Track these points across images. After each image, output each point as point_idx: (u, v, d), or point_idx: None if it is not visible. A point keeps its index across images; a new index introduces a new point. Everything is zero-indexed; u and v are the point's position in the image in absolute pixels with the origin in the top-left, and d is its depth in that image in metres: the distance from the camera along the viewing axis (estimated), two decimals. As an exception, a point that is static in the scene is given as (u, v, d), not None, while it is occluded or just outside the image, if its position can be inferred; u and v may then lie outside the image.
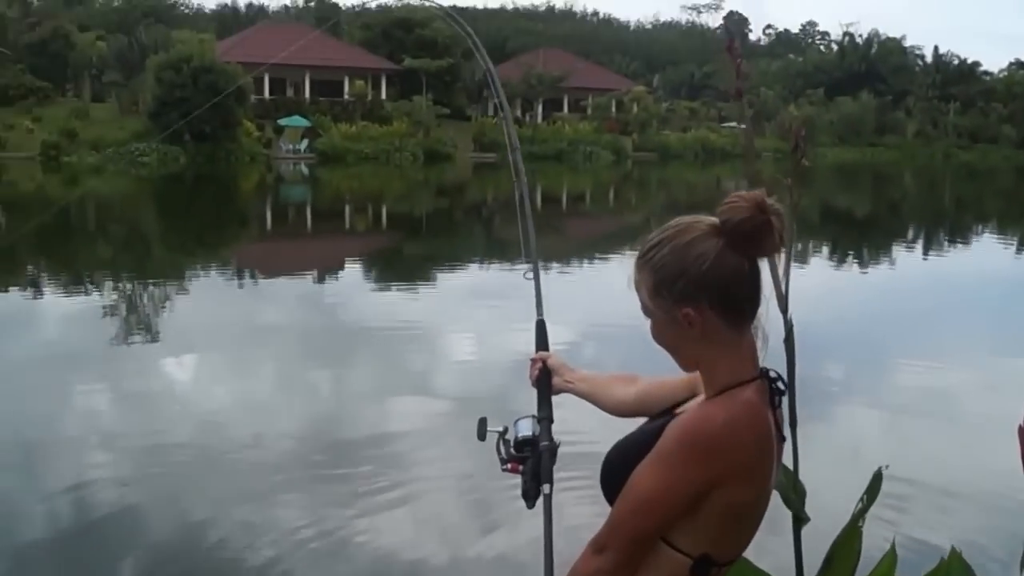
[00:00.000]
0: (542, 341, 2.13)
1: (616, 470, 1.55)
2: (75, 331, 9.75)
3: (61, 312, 10.93)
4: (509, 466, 1.87)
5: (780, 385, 1.54)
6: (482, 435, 1.90)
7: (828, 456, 5.17)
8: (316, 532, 4.76)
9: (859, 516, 2.08)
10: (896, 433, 6.70)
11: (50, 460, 5.79)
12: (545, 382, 2.01)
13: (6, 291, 12.80)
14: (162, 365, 8.48)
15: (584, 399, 2.00)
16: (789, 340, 2.10)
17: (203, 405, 7.12)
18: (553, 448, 1.86)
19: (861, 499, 2.11)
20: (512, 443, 1.88)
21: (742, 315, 1.49)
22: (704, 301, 1.46)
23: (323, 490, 5.38)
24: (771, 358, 1.58)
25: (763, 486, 1.50)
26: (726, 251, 1.46)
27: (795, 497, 2.11)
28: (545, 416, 1.92)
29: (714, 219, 1.48)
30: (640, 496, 1.47)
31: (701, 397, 1.58)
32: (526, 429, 1.88)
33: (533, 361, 2.04)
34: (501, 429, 1.90)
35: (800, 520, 2.11)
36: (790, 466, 2.13)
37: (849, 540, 2.09)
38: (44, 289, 13.16)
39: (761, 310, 1.52)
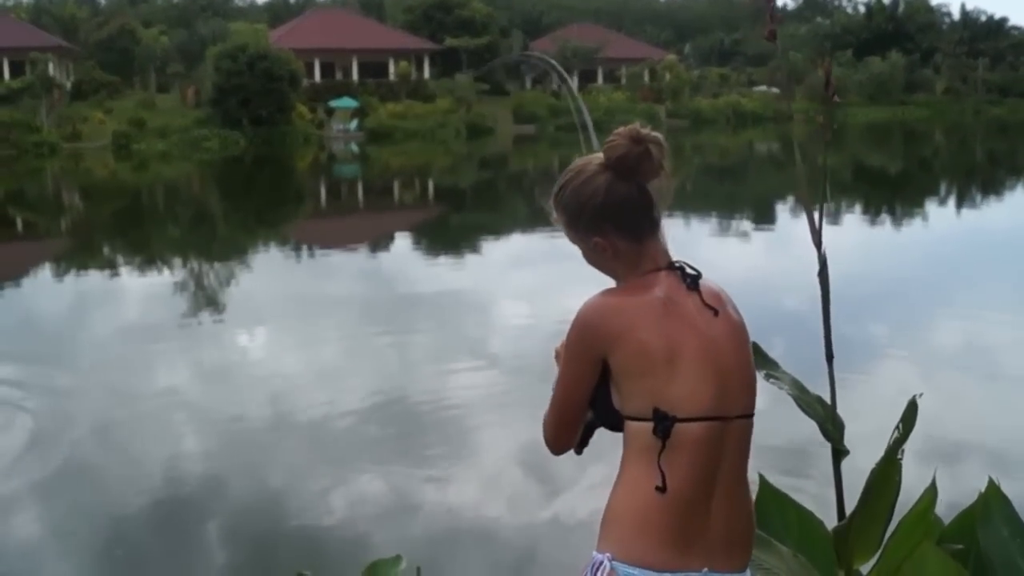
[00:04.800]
0: None
1: None
2: (149, 308, 9.89)
3: (136, 290, 11.09)
4: None
5: (689, 271, 1.66)
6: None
7: (873, 398, 5.04)
8: (387, 493, 4.77)
9: (897, 446, 1.99)
10: (936, 382, 6.51)
11: (134, 429, 5.86)
12: None
13: (86, 271, 13.05)
14: (231, 338, 8.57)
15: None
16: (823, 273, 2.06)
17: (271, 375, 7.16)
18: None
19: (897, 428, 2.01)
20: None
21: (640, 232, 1.65)
22: (607, 228, 1.64)
23: (392, 453, 5.37)
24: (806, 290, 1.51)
25: (653, 340, 1.56)
26: (614, 183, 1.64)
27: (833, 429, 2.03)
28: None
29: (602, 157, 1.66)
30: (559, 379, 1.68)
31: None
32: None
33: None
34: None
35: (839, 452, 2.03)
36: (827, 399, 2.05)
37: (888, 471, 1.99)
38: (120, 268, 13.39)
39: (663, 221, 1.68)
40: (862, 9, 77.60)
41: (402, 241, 16.24)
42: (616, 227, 1.64)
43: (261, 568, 4.13)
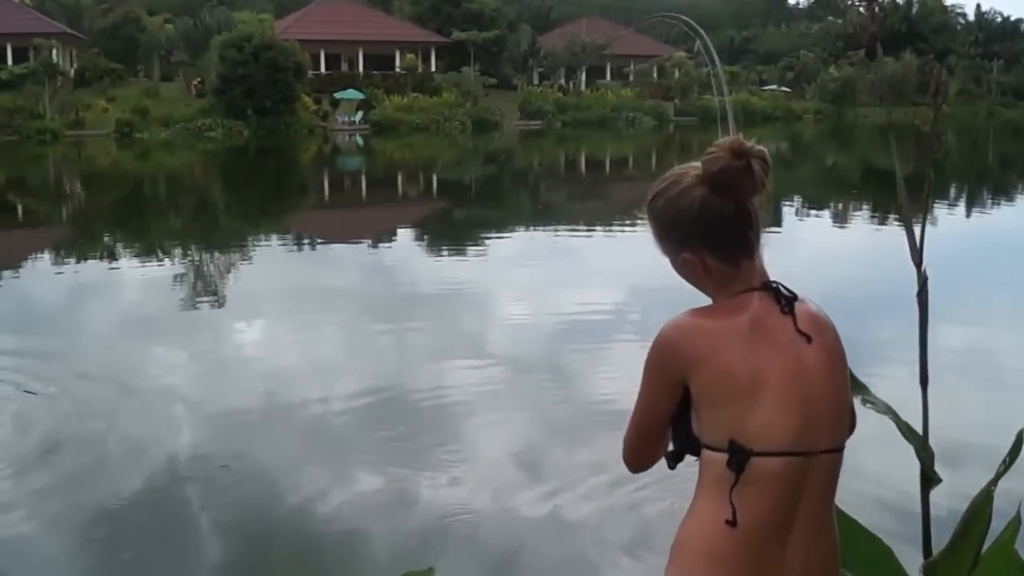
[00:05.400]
0: None
1: None
2: (148, 297, 9.89)
3: (134, 279, 11.09)
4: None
5: (785, 292, 1.58)
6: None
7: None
8: (382, 486, 4.76)
9: (998, 478, 1.92)
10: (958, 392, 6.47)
11: (127, 418, 5.86)
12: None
13: (85, 259, 13.06)
14: (230, 328, 8.57)
15: None
16: (922, 294, 1.95)
17: (270, 366, 7.16)
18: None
19: (1004, 461, 1.94)
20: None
21: (733, 251, 1.56)
22: (698, 245, 1.56)
23: (387, 446, 5.36)
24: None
25: (736, 366, 1.50)
26: (710, 198, 1.54)
27: (925, 456, 1.95)
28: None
29: (700, 168, 1.56)
30: (638, 397, 1.62)
31: None
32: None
33: None
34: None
35: (930, 480, 1.95)
36: (919, 425, 1.97)
37: (984, 504, 1.93)
38: (120, 257, 13.40)
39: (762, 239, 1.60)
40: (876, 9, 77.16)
41: (405, 235, 16.24)
42: (708, 244, 1.55)
43: (262, 569, 4.13)
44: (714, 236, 1.55)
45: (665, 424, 1.61)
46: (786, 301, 1.55)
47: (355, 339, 8.05)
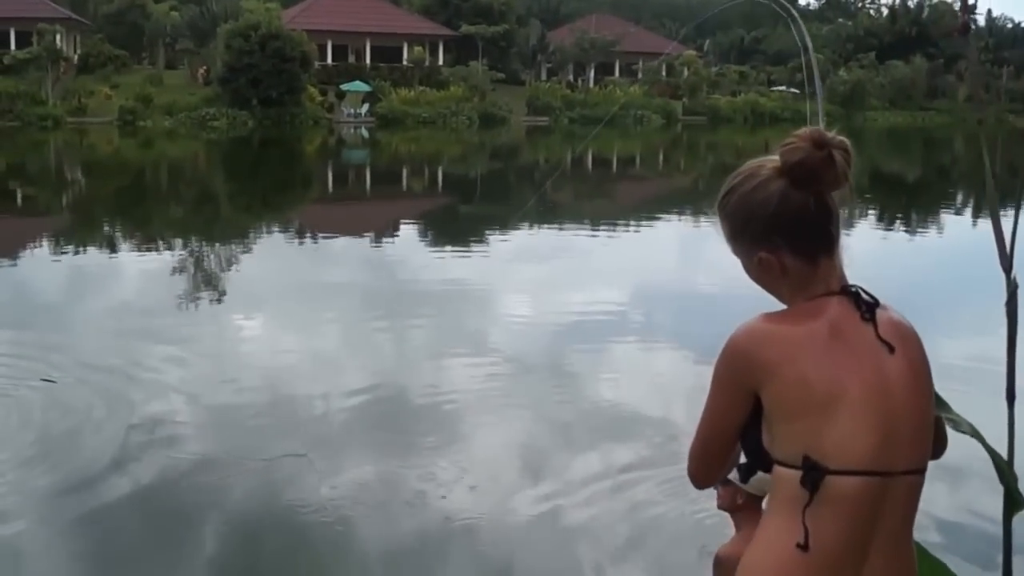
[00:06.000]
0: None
1: None
2: (144, 287, 9.88)
3: (132, 270, 11.08)
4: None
5: (866, 297, 1.50)
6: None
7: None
8: (378, 484, 4.74)
9: None
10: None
11: (126, 409, 5.84)
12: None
13: (85, 249, 13.06)
14: (228, 321, 8.55)
15: None
16: (1011, 303, 1.85)
17: (267, 360, 7.14)
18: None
19: None
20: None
21: (813, 249, 1.48)
22: (776, 242, 1.48)
23: (385, 444, 5.34)
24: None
25: (812, 376, 1.41)
26: (790, 191, 1.46)
27: (1009, 475, 1.86)
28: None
29: (778, 160, 1.48)
30: (705, 406, 1.55)
31: None
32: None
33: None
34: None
35: (1015, 503, 1.86)
36: (1004, 442, 1.89)
37: None
38: (120, 247, 13.39)
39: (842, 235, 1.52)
40: (885, 11, 77.22)
41: (409, 229, 16.22)
42: (787, 241, 1.47)
43: (255, 568, 4.11)
44: (793, 232, 1.46)
45: (734, 437, 1.53)
46: (867, 307, 1.46)
47: (356, 334, 8.03)
